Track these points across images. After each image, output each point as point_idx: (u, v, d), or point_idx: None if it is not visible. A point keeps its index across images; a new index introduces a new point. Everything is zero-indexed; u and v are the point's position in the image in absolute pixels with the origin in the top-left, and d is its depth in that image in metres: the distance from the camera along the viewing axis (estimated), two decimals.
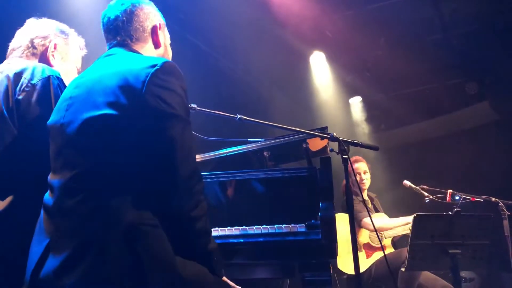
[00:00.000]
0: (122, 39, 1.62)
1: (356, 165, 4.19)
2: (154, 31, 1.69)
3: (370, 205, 4.21)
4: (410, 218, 3.57)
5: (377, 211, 4.21)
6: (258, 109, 5.83)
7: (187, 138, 1.36)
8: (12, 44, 1.95)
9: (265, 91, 6.45)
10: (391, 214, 4.19)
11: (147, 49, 1.67)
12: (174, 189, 1.32)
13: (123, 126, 1.31)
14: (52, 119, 1.51)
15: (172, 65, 1.43)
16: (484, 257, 2.84)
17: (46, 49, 1.92)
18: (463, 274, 4.10)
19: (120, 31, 1.63)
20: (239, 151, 2.56)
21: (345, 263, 3.84)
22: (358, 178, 4.08)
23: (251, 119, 2.21)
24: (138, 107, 1.31)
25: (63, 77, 1.83)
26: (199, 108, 2.15)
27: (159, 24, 1.72)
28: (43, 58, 1.92)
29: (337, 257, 2.10)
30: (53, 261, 1.27)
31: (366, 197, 4.23)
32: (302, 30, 5.29)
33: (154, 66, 1.38)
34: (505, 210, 3.50)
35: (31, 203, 1.65)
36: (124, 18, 1.63)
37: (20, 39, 1.93)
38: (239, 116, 2.18)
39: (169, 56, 1.78)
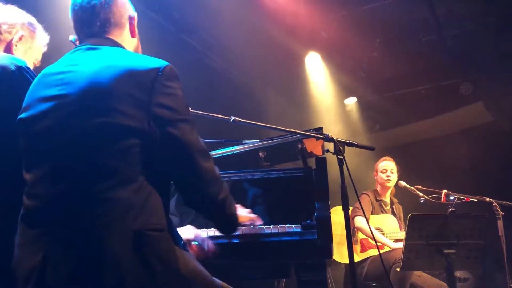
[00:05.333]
0: (101, 26, 1.52)
1: (382, 163, 4.19)
2: (131, 19, 1.62)
3: (388, 207, 4.15)
4: (392, 244, 3.78)
5: (394, 215, 4.16)
6: (253, 110, 5.82)
7: (196, 136, 1.42)
8: None
9: (260, 92, 6.44)
10: None
11: (124, 37, 1.58)
12: (201, 182, 1.41)
13: (135, 134, 1.30)
14: (28, 115, 1.39)
15: (171, 68, 1.41)
16: (479, 257, 2.85)
17: (12, 38, 1.84)
18: (458, 274, 4.11)
19: (96, 18, 1.51)
20: (234, 152, 2.56)
21: (340, 253, 3.93)
22: (384, 176, 4.11)
23: (245, 120, 2.20)
24: (146, 115, 1.31)
25: None
26: (193, 111, 2.13)
27: (134, 16, 1.64)
28: (7, 46, 1.84)
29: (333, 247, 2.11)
30: (56, 274, 1.21)
31: (387, 199, 4.19)
32: (298, 30, 5.28)
33: (156, 70, 1.36)
34: (499, 210, 3.52)
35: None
36: (102, 3, 1.51)
37: None
38: (233, 118, 2.17)
39: (140, 50, 1.69)
